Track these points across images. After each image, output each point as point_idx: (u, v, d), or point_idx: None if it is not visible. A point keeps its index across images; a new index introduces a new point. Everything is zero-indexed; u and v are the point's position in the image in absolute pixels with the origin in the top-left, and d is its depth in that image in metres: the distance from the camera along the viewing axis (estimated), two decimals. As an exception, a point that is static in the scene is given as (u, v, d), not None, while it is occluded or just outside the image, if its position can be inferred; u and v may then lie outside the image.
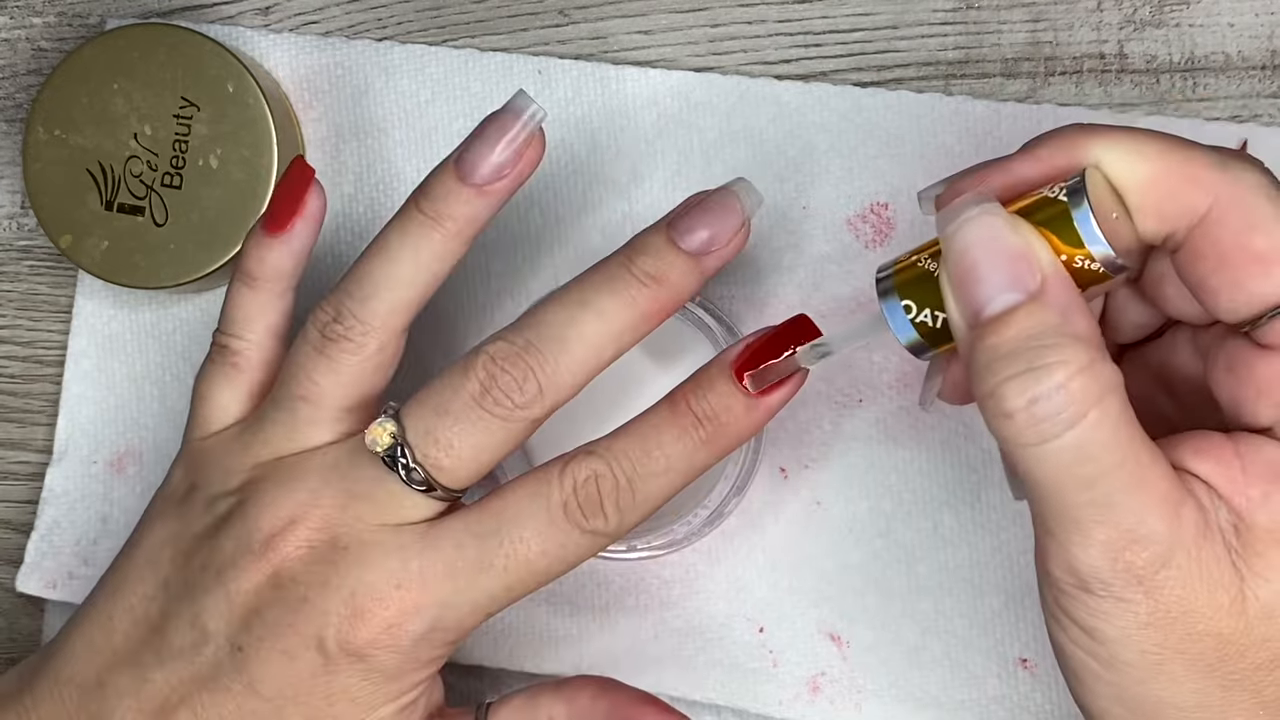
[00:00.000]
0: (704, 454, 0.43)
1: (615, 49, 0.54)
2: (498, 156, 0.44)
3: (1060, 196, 0.38)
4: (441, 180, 0.45)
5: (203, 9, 0.55)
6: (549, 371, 0.43)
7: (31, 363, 0.56)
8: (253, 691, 0.43)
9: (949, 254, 0.37)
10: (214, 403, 0.47)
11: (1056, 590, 0.38)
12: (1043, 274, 0.36)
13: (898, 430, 0.52)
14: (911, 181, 0.52)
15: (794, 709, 0.52)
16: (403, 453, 0.43)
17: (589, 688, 0.45)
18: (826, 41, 0.53)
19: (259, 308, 0.47)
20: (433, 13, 0.54)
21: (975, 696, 0.52)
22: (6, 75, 0.56)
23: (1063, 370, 0.35)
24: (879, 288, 0.40)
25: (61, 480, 0.55)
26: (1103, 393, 0.35)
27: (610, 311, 0.43)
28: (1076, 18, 0.52)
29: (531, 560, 0.43)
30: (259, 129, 0.52)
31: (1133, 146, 0.38)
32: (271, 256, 0.47)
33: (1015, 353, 0.36)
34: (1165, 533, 0.36)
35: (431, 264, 0.45)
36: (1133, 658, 0.37)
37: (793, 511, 0.53)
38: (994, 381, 0.36)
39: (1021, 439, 0.36)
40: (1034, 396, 0.35)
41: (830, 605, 0.52)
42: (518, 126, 0.45)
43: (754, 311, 0.53)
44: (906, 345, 0.40)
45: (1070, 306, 0.36)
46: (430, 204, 0.45)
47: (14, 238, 0.56)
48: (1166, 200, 0.38)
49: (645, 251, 0.44)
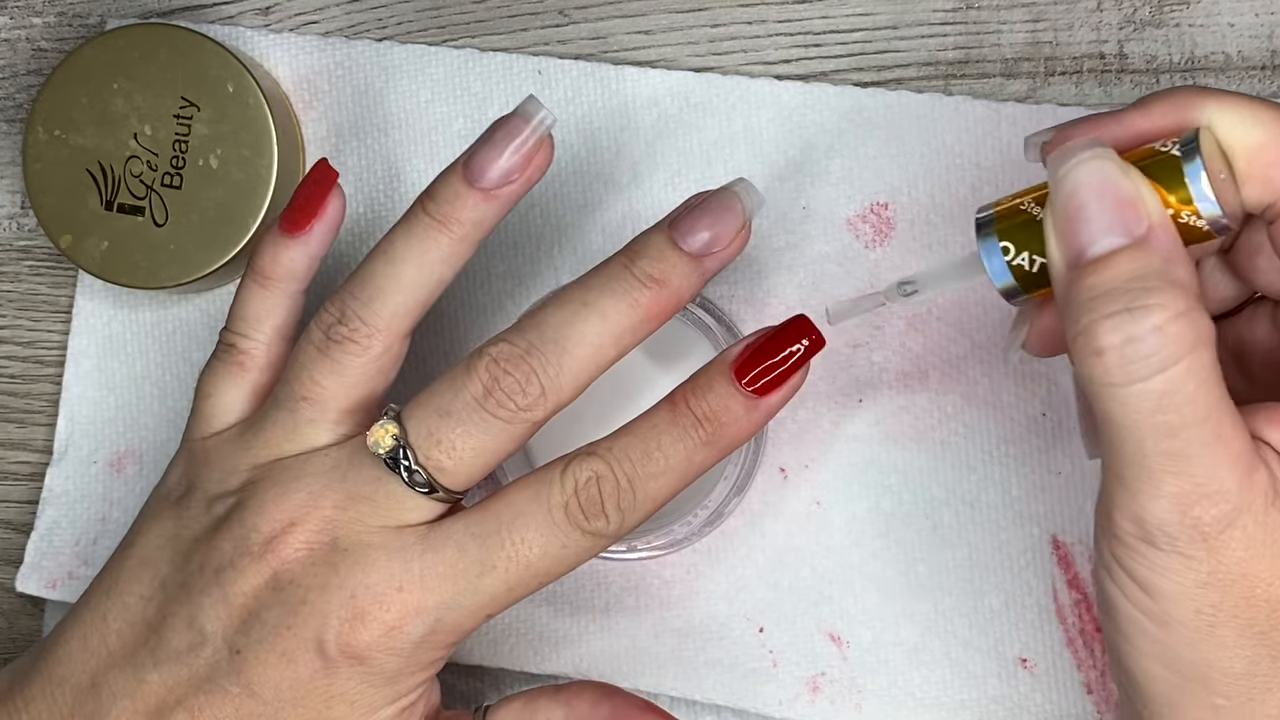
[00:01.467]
0: (704, 454, 0.43)
1: (615, 49, 0.54)
2: (506, 161, 0.44)
3: (1174, 151, 0.38)
4: (449, 183, 0.45)
5: (203, 9, 0.55)
6: (552, 373, 0.43)
7: (31, 363, 0.56)
8: (250, 694, 0.43)
9: (1057, 194, 0.37)
10: (217, 401, 0.47)
11: (1116, 541, 0.38)
12: (1150, 221, 0.37)
13: (898, 430, 0.52)
14: (911, 181, 0.52)
15: (794, 709, 0.52)
16: (405, 454, 0.43)
17: (588, 692, 0.45)
18: (826, 41, 0.53)
19: (269, 307, 0.47)
20: (433, 13, 0.54)
21: (975, 696, 0.52)
22: (6, 75, 0.56)
23: (1161, 313, 0.35)
24: (978, 227, 0.40)
25: (61, 480, 0.55)
26: (1196, 342, 0.35)
27: (612, 313, 0.43)
28: (1076, 18, 0.52)
29: (532, 561, 0.43)
30: (259, 129, 0.52)
31: (1247, 112, 0.39)
32: (286, 257, 0.46)
33: (1114, 291, 0.36)
34: (1236, 492, 0.36)
35: (437, 267, 0.45)
36: (1186, 617, 0.37)
37: (793, 511, 0.53)
38: (1090, 319, 0.36)
39: (1110, 378, 0.36)
40: (1129, 336, 0.35)
41: (830, 605, 0.52)
42: (527, 131, 0.44)
43: (754, 311, 0.53)
44: (1000, 288, 0.40)
45: (1174, 255, 0.36)
46: (437, 207, 0.45)
47: (14, 238, 0.56)
48: (1274, 167, 0.39)
49: (647, 253, 0.43)
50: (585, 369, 0.43)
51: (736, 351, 0.43)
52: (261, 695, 0.43)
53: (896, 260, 0.52)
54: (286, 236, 0.46)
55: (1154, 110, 0.40)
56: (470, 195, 0.44)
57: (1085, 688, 0.52)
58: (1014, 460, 0.52)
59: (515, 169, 0.44)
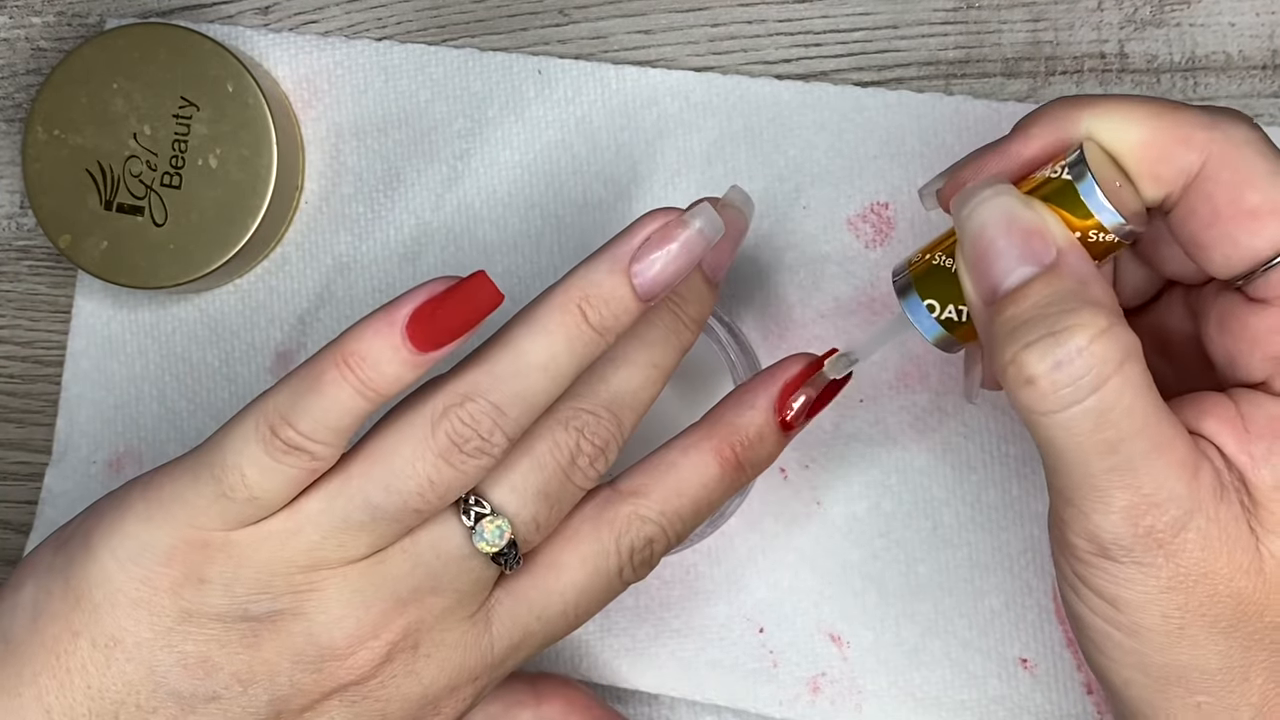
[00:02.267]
0: (732, 494, 0.44)
1: (615, 49, 0.54)
2: (676, 279, 0.41)
3: (1063, 174, 0.38)
4: (618, 291, 0.41)
5: (202, 9, 0.55)
6: (624, 432, 0.43)
7: (31, 363, 0.56)
8: None
9: (964, 236, 0.38)
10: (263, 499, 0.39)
11: (1075, 560, 0.38)
12: (1057, 246, 0.37)
13: (898, 430, 0.52)
14: (911, 181, 0.52)
15: (794, 709, 0.52)
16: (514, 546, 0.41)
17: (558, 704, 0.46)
18: (826, 41, 0.53)
19: (362, 420, 0.40)
20: (433, 13, 0.54)
21: (975, 697, 0.52)
22: (6, 75, 0.56)
23: (1083, 334, 0.35)
24: (897, 288, 0.41)
25: (61, 480, 0.55)
26: (1124, 357, 0.35)
27: (667, 363, 0.43)
28: (1077, 17, 0.52)
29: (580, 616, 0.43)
30: (259, 129, 0.52)
31: (1122, 113, 0.39)
32: (408, 376, 0.39)
33: (1034, 319, 0.36)
34: (1186, 495, 0.36)
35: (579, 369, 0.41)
36: (1155, 623, 0.37)
37: (793, 511, 0.53)
38: (1014, 350, 0.36)
39: (1043, 405, 0.36)
40: (1057, 360, 0.35)
41: (830, 605, 0.52)
42: (702, 248, 0.41)
43: (754, 312, 0.52)
44: (934, 342, 0.40)
45: (1086, 275, 0.37)
46: (602, 319, 0.40)
47: (14, 238, 0.56)
48: (1160, 162, 0.39)
49: (690, 298, 0.43)
50: (639, 418, 0.43)
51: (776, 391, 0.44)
52: None
53: (896, 260, 0.52)
54: (411, 352, 0.39)
55: (1033, 133, 0.40)
56: (635, 308, 0.41)
57: (1085, 688, 0.52)
58: (1014, 460, 0.52)
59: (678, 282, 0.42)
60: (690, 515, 0.43)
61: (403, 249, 0.54)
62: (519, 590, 0.42)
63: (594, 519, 0.43)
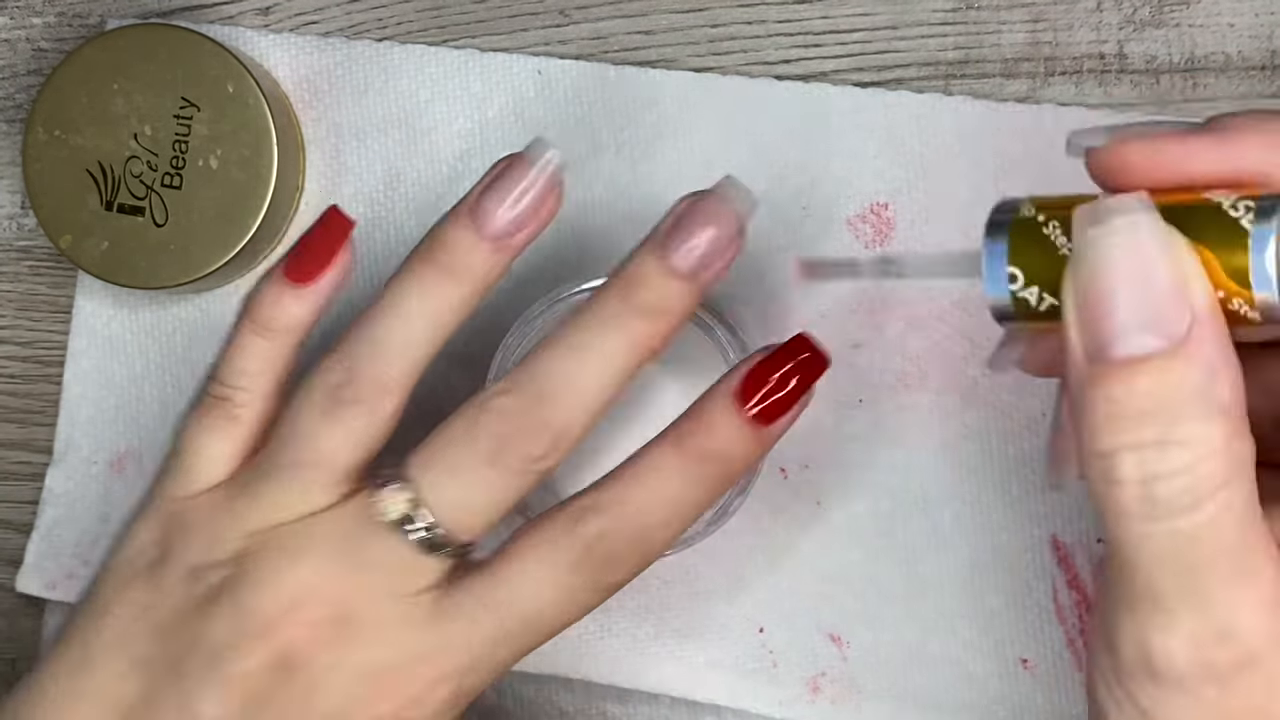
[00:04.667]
0: (711, 493, 0.43)
1: (615, 49, 0.54)
2: (514, 210, 0.43)
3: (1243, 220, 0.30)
4: (459, 232, 0.43)
5: (203, 9, 0.55)
6: (561, 422, 0.42)
7: (31, 363, 0.56)
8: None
9: (1080, 268, 0.31)
10: (203, 457, 0.44)
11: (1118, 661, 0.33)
12: (1193, 313, 0.30)
13: (898, 430, 0.52)
14: (911, 181, 0.52)
15: (794, 709, 0.52)
16: (417, 518, 0.42)
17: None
18: (826, 41, 0.53)
19: (269, 360, 0.44)
20: (433, 13, 0.54)
21: (976, 697, 0.52)
22: (6, 75, 0.56)
23: (1196, 450, 0.30)
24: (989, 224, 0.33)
25: (61, 480, 0.55)
26: (1230, 475, 0.31)
27: (615, 353, 0.42)
28: (1076, 18, 0.52)
29: (546, 622, 0.42)
30: (259, 129, 0.52)
31: None
32: (295, 308, 0.44)
33: (1144, 414, 0.30)
34: (1261, 633, 0.32)
35: (447, 318, 0.43)
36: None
37: (793, 511, 0.53)
38: (1110, 442, 0.31)
39: (1126, 510, 0.31)
40: (1155, 474, 0.30)
41: (830, 605, 0.52)
42: (533, 174, 0.43)
43: (754, 311, 0.52)
44: (992, 306, 0.34)
45: (1218, 363, 0.30)
46: (449, 258, 0.43)
47: (14, 238, 0.56)
48: None
49: (642, 283, 0.42)
50: (593, 411, 0.42)
51: (738, 381, 0.42)
52: None
53: (896, 260, 0.52)
54: (292, 286, 0.44)
55: (1233, 142, 0.32)
56: (482, 245, 0.43)
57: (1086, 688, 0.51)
58: (1014, 460, 0.52)
59: (526, 217, 0.43)
60: (651, 506, 0.42)
61: (403, 249, 0.54)
62: (473, 586, 0.42)
63: (550, 515, 0.42)
